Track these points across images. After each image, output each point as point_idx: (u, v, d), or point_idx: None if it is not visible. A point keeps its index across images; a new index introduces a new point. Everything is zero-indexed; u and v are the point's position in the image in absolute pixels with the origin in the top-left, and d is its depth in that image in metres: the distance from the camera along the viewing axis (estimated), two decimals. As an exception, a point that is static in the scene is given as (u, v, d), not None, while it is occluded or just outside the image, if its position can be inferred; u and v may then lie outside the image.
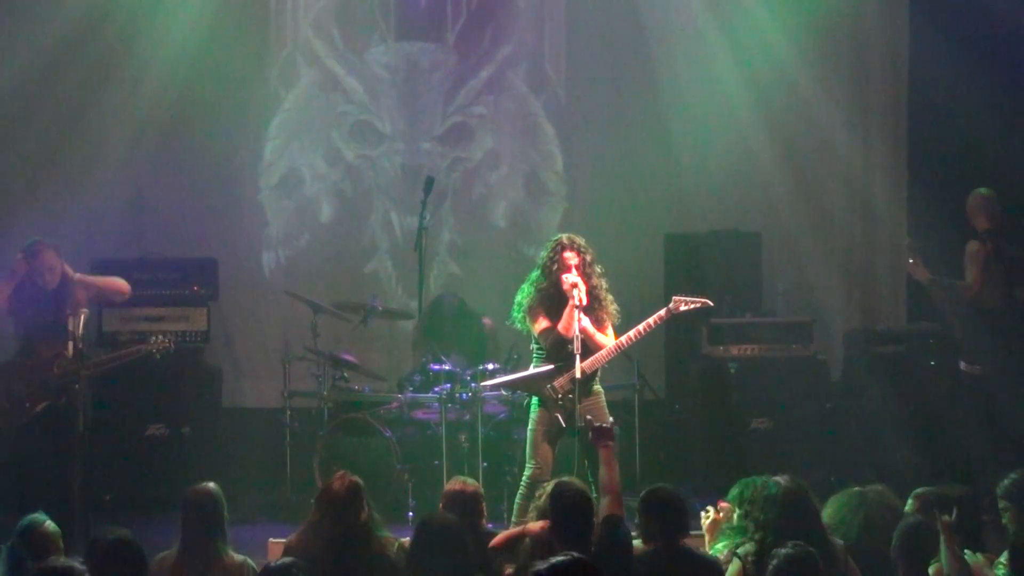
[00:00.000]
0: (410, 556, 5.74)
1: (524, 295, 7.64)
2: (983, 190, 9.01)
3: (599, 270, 7.61)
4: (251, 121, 10.51)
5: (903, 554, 5.73)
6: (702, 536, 6.30)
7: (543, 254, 7.66)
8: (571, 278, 7.41)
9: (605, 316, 7.56)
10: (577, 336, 7.28)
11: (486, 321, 9.29)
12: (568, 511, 5.56)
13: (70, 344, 7.65)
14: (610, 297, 7.61)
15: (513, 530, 6.28)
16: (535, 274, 7.65)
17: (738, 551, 5.76)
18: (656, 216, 10.41)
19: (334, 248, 10.60)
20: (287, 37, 10.56)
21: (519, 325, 7.72)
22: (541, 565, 4.27)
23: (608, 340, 7.51)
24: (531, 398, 7.65)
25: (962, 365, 8.97)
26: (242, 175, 10.54)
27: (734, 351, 9.62)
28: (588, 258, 7.56)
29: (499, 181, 10.71)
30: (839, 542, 5.77)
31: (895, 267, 10.61)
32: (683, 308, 7.55)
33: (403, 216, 10.55)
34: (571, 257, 7.51)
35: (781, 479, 5.91)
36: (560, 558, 4.28)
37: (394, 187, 10.63)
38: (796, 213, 10.57)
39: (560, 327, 7.42)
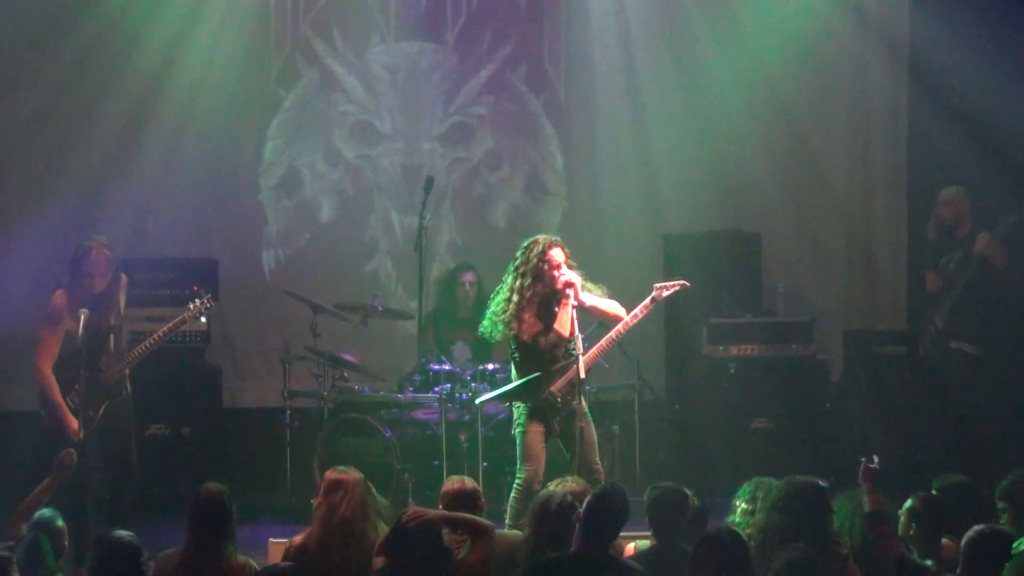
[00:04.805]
0: (386, 557, 5.77)
1: (504, 303, 7.45)
2: (963, 188, 9.22)
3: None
4: (251, 121, 10.50)
5: (971, 559, 5.66)
6: None
7: (523, 259, 7.48)
8: (567, 276, 7.37)
9: (600, 293, 7.53)
10: (578, 336, 7.27)
11: None
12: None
13: (111, 338, 7.73)
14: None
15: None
16: (517, 281, 7.44)
17: None
18: (656, 216, 10.41)
19: (334, 248, 10.59)
20: (287, 37, 10.55)
21: (494, 337, 7.57)
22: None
23: (617, 306, 7.47)
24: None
25: (953, 344, 9.02)
26: (242, 175, 10.54)
27: (734, 351, 9.62)
28: (567, 251, 7.54)
29: (499, 181, 10.71)
30: (843, 549, 5.75)
31: (895, 267, 10.63)
32: (665, 294, 7.54)
33: (403, 216, 10.55)
34: (558, 254, 7.46)
35: (794, 480, 5.91)
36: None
37: (394, 187, 10.63)
38: (796, 213, 10.59)
39: (556, 325, 7.37)
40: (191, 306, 7.90)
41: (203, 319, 7.93)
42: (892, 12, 10.54)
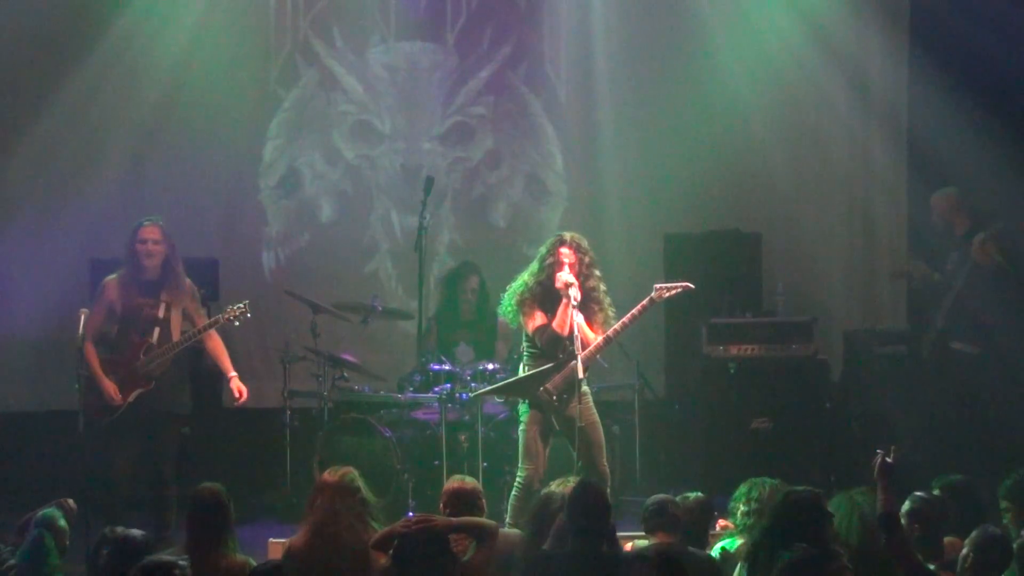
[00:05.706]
0: (393, 561, 5.77)
1: (518, 286, 7.58)
2: (953, 189, 9.17)
3: (598, 273, 7.58)
4: (251, 121, 10.51)
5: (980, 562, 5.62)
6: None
7: (543, 248, 7.63)
8: (564, 277, 7.38)
9: (600, 320, 7.53)
10: (577, 336, 7.26)
11: (501, 320, 9.28)
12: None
13: (156, 330, 7.85)
14: (608, 300, 7.58)
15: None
16: (533, 266, 7.61)
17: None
18: (656, 216, 10.41)
19: (334, 248, 10.59)
20: (287, 37, 10.56)
21: (509, 317, 7.69)
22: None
23: (594, 338, 7.50)
24: (521, 401, 7.62)
25: (954, 344, 9.02)
26: (242, 175, 10.54)
27: (734, 351, 9.60)
28: (587, 259, 7.52)
29: (499, 181, 10.72)
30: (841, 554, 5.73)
31: (895, 267, 10.61)
32: (666, 295, 7.52)
33: (403, 216, 10.55)
34: (567, 254, 7.46)
35: (790, 495, 5.89)
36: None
37: (394, 187, 10.63)
38: (796, 213, 10.58)
39: (555, 324, 7.39)
40: (229, 309, 7.99)
41: (237, 324, 8.04)
42: (891, 11, 10.53)
